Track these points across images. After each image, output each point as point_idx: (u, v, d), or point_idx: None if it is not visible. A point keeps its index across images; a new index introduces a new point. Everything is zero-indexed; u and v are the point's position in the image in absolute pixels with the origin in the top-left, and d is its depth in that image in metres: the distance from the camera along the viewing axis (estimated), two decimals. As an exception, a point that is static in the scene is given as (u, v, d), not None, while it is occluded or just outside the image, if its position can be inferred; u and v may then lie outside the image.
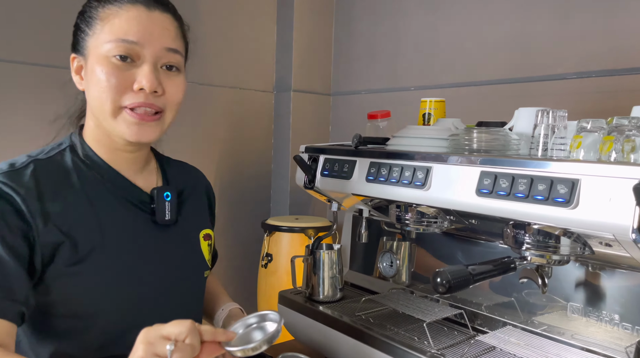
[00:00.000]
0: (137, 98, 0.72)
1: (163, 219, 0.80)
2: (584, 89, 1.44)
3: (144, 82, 0.72)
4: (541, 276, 0.77)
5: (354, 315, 1.01)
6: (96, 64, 0.72)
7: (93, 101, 0.74)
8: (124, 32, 0.72)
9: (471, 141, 0.86)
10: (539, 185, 0.69)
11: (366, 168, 0.96)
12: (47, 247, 0.69)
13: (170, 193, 0.81)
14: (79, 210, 0.73)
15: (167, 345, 0.55)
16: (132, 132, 0.74)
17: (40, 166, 0.74)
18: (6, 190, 0.68)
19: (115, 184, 0.78)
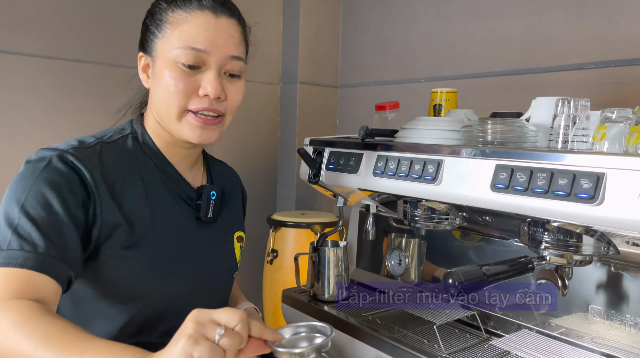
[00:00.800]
0: (201, 103, 0.75)
1: (206, 217, 0.83)
2: (602, 79, 1.37)
3: (209, 89, 0.75)
4: (561, 277, 0.72)
5: (360, 315, 0.97)
6: (164, 67, 0.75)
7: (159, 101, 0.77)
8: (193, 40, 0.74)
9: (485, 133, 0.81)
10: (560, 180, 0.64)
11: (373, 161, 0.91)
12: (107, 225, 0.72)
13: (216, 192, 0.84)
14: (137, 195, 0.76)
15: (217, 329, 0.53)
16: (195, 134, 0.77)
17: (106, 149, 0.76)
18: (77, 163, 0.71)
19: (168, 176, 0.81)
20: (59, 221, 0.67)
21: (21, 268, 0.62)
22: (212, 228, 0.85)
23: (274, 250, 1.88)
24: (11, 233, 0.64)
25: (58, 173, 0.69)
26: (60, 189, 0.68)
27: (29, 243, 0.64)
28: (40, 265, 0.63)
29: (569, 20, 1.40)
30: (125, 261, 0.73)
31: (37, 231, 0.65)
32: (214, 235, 0.85)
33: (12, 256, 0.63)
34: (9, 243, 0.64)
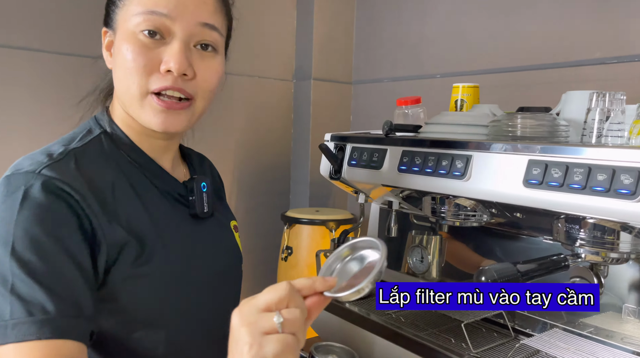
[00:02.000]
0: (163, 81, 0.63)
1: (202, 212, 0.72)
2: (626, 74, 1.34)
3: (171, 63, 0.62)
4: (597, 275, 0.70)
5: (383, 313, 0.95)
6: (123, 40, 0.63)
7: (119, 82, 0.66)
8: (153, 3, 0.62)
9: (515, 127, 0.79)
10: (599, 175, 0.62)
11: (398, 157, 0.90)
12: (114, 247, 0.61)
13: (205, 183, 0.74)
14: (131, 203, 0.65)
15: (274, 318, 0.46)
16: (158, 121, 0.64)
17: (81, 157, 0.63)
18: (62, 187, 0.58)
19: (154, 174, 0.70)
20: (60, 268, 0.55)
21: (38, 340, 0.51)
22: (209, 224, 0.75)
23: (288, 247, 1.87)
24: (10, 297, 0.52)
25: (41, 206, 0.56)
26: (49, 226, 0.56)
27: (36, 306, 0.52)
28: (59, 331, 0.53)
29: (590, 14, 1.38)
30: (137, 280, 0.63)
31: (40, 288, 0.53)
32: (214, 229, 0.76)
33: (23, 329, 0.51)
34: (11, 311, 0.52)
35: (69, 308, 0.55)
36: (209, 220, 0.75)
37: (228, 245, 0.79)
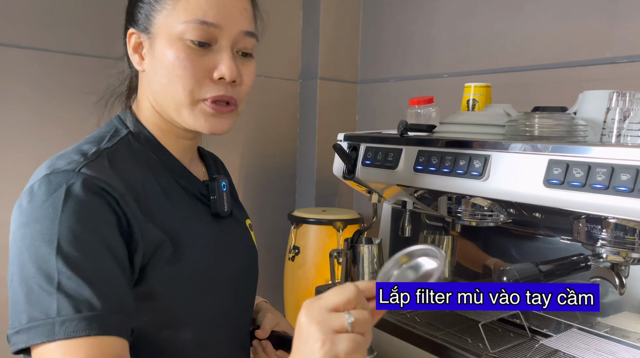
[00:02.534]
0: (217, 90, 0.65)
1: (223, 211, 0.74)
2: (635, 74, 1.34)
3: (224, 70, 0.64)
4: (618, 275, 0.70)
5: (399, 313, 0.95)
6: (168, 46, 0.64)
7: (161, 87, 0.66)
8: (202, 12, 0.63)
9: (532, 127, 0.79)
10: (622, 175, 0.62)
11: (414, 157, 0.89)
12: (150, 246, 0.61)
13: (225, 183, 0.75)
14: (162, 204, 0.66)
15: (345, 317, 0.47)
16: (209, 124, 0.66)
17: (113, 157, 0.64)
18: (102, 185, 0.58)
19: (179, 174, 0.71)
20: (104, 265, 0.56)
21: (87, 337, 0.51)
22: (229, 223, 0.77)
23: (295, 247, 1.87)
24: (56, 294, 0.52)
25: (83, 204, 0.56)
26: (91, 224, 0.56)
27: (83, 303, 0.53)
28: (106, 327, 0.53)
29: (600, 13, 1.38)
30: (171, 279, 0.63)
31: (86, 285, 0.53)
32: (234, 228, 0.78)
33: (72, 326, 0.51)
34: (58, 308, 0.52)
35: (113, 305, 0.55)
36: (228, 219, 0.77)
37: (246, 243, 0.80)
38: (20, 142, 1.39)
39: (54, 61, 1.46)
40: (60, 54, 1.47)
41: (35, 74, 1.43)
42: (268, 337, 0.80)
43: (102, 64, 1.42)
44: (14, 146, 1.38)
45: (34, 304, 0.52)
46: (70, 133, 0.67)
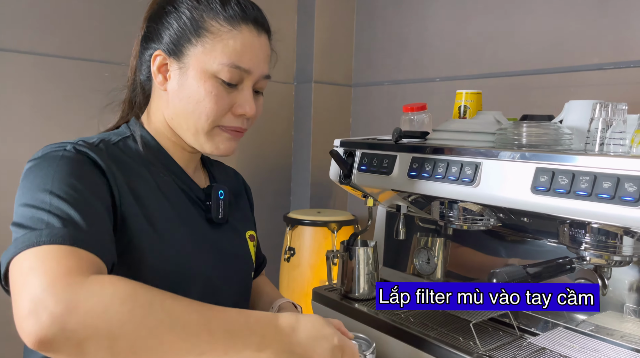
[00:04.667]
0: (236, 122, 0.73)
1: (217, 218, 0.79)
2: (621, 80, 1.39)
3: (247, 109, 0.73)
4: (601, 277, 0.74)
5: (393, 313, 0.99)
6: (202, 81, 0.70)
7: (184, 112, 0.72)
8: (238, 58, 0.70)
9: (520, 136, 0.83)
10: (604, 183, 0.66)
11: (408, 163, 0.93)
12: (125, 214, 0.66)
13: (223, 191, 0.80)
14: (151, 190, 0.71)
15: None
16: (224, 147, 0.75)
17: (110, 149, 0.71)
18: (90, 153, 0.66)
19: (179, 178, 0.77)
20: (92, 203, 0.61)
21: (71, 246, 0.54)
22: (224, 229, 0.81)
23: (291, 248, 1.90)
24: (47, 214, 0.56)
25: (77, 160, 0.64)
26: (83, 174, 0.63)
27: (70, 222, 0.56)
28: (90, 245, 0.56)
29: (589, 20, 1.42)
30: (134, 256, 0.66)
31: (74, 210, 0.58)
32: (227, 235, 0.82)
33: (58, 234, 0.54)
34: (47, 222, 0.55)
35: (98, 232, 0.59)
36: (224, 226, 0.81)
37: (239, 251, 0.84)
38: (20, 145, 1.41)
39: (53, 65, 1.47)
40: (59, 59, 1.48)
41: (34, 78, 1.45)
42: None
43: (103, 69, 1.44)
44: (15, 150, 1.40)
45: (26, 226, 0.56)
46: (70, 137, 0.71)
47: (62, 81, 1.48)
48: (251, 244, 0.87)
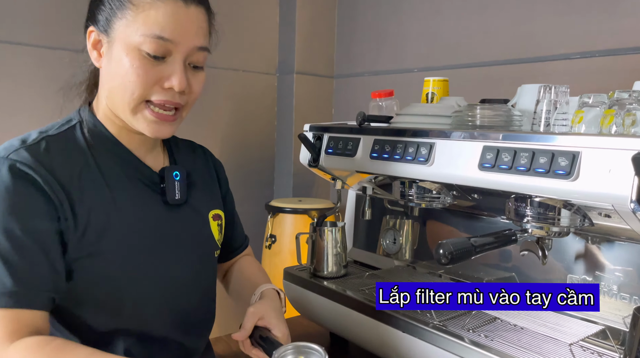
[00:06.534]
0: (164, 96, 0.72)
1: (173, 199, 0.80)
2: (587, 69, 1.44)
3: (175, 82, 0.71)
4: (541, 248, 0.79)
5: (358, 289, 1.03)
6: (124, 53, 0.69)
7: (114, 87, 0.72)
8: (160, 28, 0.68)
9: (474, 117, 0.87)
10: (541, 158, 0.71)
11: (370, 145, 0.97)
12: (73, 228, 0.69)
13: (179, 172, 0.81)
14: (96, 189, 0.72)
15: None
16: (151, 129, 0.73)
17: (53, 143, 0.72)
18: (25, 170, 0.66)
19: (128, 163, 0.77)
20: (25, 247, 0.64)
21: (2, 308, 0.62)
22: (183, 211, 0.81)
23: (272, 235, 1.95)
24: None
25: (10, 191, 0.65)
26: (14, 207, 0.64)
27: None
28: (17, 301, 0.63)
29: (555, 13, 1.47)
30: (94, 260, 0.70)
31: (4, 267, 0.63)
32: (187, 217, 0.82)
33: None
34: None
35: (27, 281, 0.64)
36: (183, 208, 0.82)
37: (200, 232, 0.85)
38: None
39: (20, 54, 1.48)
40: (26, 47, 1.49)
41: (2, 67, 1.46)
42: (253, 333, 0.79)
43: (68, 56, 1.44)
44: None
45: None
46: (40, 125, 0.74)
47: (29, 69, 1.49)
48: (214, 224, 0.87)
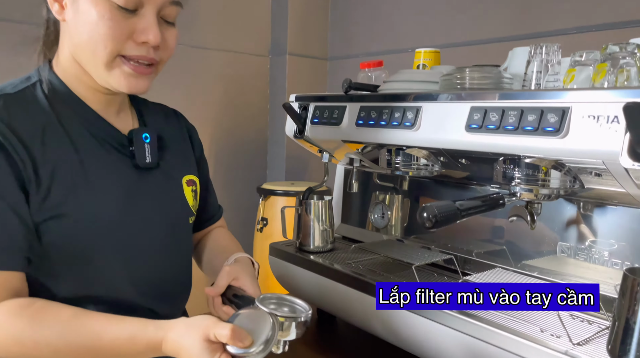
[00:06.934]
0: (138, 51, 0.68)
1: (144, 163, 0.76)
2: (584, 44, 1.40)
3: (150, 36, 0.67)
4: (530, 213, 0.76)
5: (344, 262, 1.00)
6: (93, 4, 0.65)
7: (83, 42, 0.68)
8: None
9: (463, 80, 0.84)
10: (529, 116, 0.68)
11: (356, 112, 0.94)
12: (35, 188, 0.66)
13: (149, 134, 0.77)
14: (61, 149, 0.69)
15: None
16: (128, 83, 0.70)
17: (11, 101, 0.68)
18: None
19: (94, 125, 0.73)
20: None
21: None
22: (154, 175, 0.78)
23: (263, 218, 1.92)
24: None
25: None
26: None
27: None
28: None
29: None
30: (60, 224, 0.67)
31: None
32: (158, 181, 0.78)
33: None
34: None
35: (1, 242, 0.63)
36: (154, 172, 0.79)
37: (173, 197, 0.82)
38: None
39: None
40: None
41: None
42: (225, 292, 0.77)
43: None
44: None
45: None
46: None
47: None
48: (188, 189, 0.84)
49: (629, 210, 0.75)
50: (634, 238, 0.74)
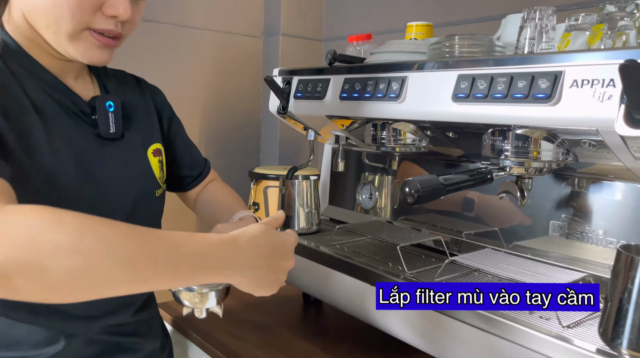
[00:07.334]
0: (107, 24, 0.64)
1: (107, 132, 0.71)
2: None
3: (120, 10, 0.64)
4: (520, 188, 0.71)
5: (329, 244, 0.96)
6: None
7: (42, 6, 0.63)
8: None
9: (452, 48, 0.79)
10: (519, 82, 0.63)
11: (340, 85, 0.89)
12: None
13: (112, 102, 0.72)
14: (21, 106, 0.63)
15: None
16: (91, 55, 0.66)
17: None
18: None
19: (53, 88, 0.68)
20: None
21: None
22: (118, 146, 0.74)
23: (255, 203, 1.88)
24: None
25: None
26: None
27: None
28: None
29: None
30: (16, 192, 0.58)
31: None
32: (122, 152, 0.74)
33: None
34: None
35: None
36: (118, 142, 0.74)
37: (138, 169, 0.77)
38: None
39: None
40: None
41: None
42: None
43: None
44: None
45: None
46: None
47: None
48: (155, 160, 0.79)
49: (626, 186, 0.70)
50: (630, 215, 0.70)
